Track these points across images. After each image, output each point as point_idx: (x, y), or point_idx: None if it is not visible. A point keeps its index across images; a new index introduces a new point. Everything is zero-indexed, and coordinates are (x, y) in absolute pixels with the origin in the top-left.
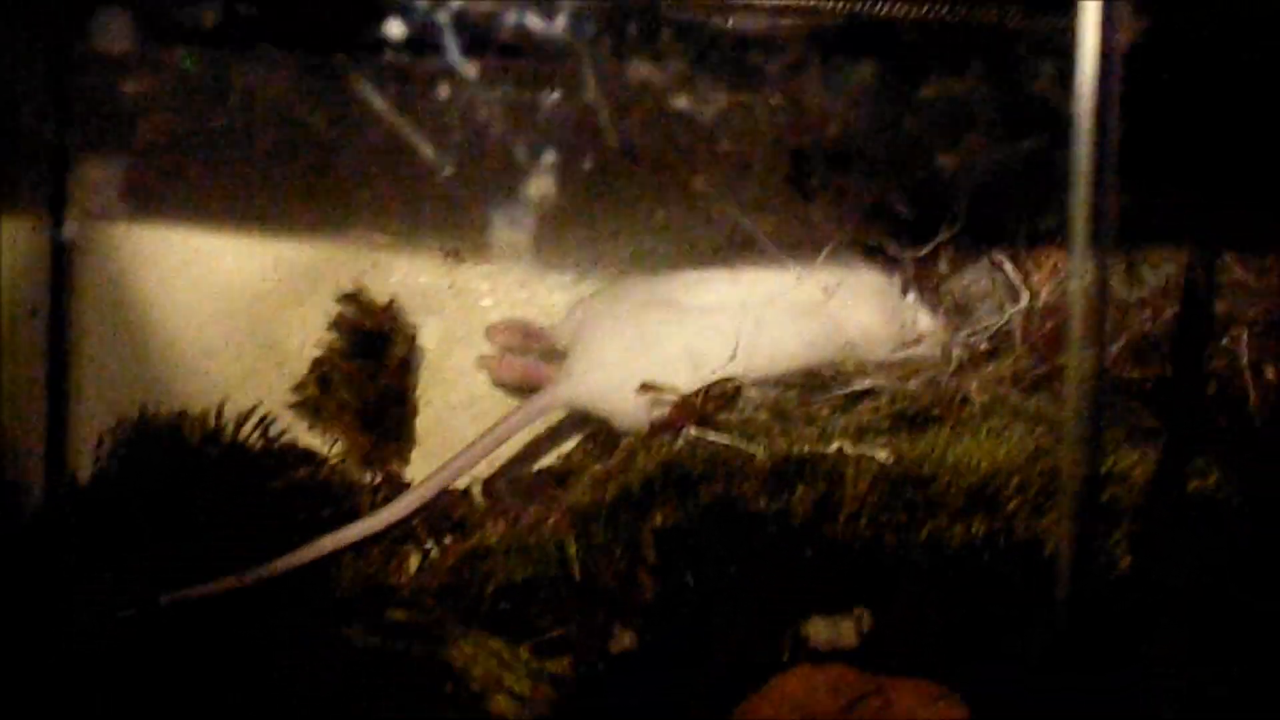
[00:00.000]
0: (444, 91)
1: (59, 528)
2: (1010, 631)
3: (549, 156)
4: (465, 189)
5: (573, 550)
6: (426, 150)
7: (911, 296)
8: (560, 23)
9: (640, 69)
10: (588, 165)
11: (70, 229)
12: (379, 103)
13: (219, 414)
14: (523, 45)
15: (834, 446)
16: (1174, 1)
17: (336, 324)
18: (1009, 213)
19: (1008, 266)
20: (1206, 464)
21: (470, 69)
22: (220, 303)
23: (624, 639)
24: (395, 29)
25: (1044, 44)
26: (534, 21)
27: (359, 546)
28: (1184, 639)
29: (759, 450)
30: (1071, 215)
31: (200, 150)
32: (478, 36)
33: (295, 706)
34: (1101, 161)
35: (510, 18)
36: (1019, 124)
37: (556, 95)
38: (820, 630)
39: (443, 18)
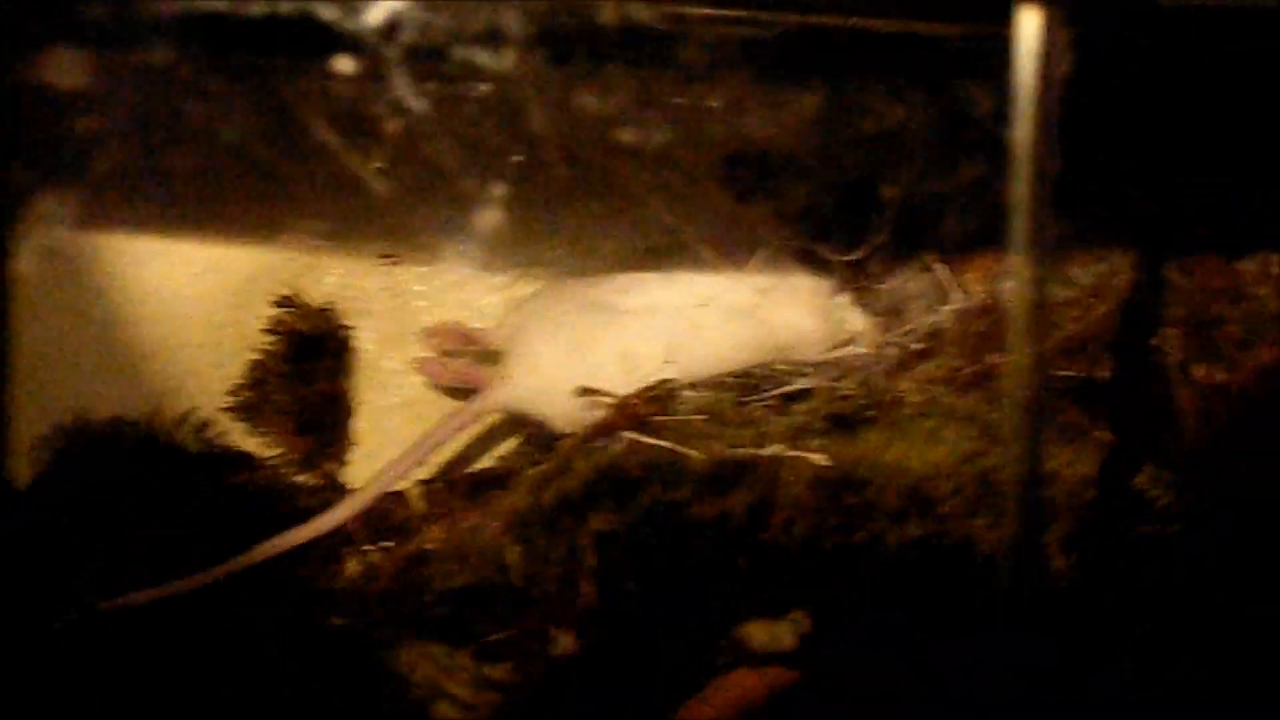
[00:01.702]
0: (378, 93)
1: None
2: (946, 632)
3: (484, 159)
4: (401, 191)
5: (512, 555)
6: (361, 153)
7: (843, 297)
8: (494, 24)
9: (574, 71)
10: (523, 168)
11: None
12: (312, 106)
13: (156, 417)
14: (456, 47)
15: (770, 450)
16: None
17: (273, 327)
18: (941, 215)
19: (939, 267)
20: (1137, 462)
21: (403, 71)
22: (155, 307)
23: (564, 643)
24: (328, 33)
25: (979, 50)
26: (467, 23)
27: (298, 551)
28: (1118, 637)
29: (695, 454)
30: (1011, 215)
31: (134, 155)
32: (411, 37)
33: (235, 714)
34: (1040, 164)
35: (443, 19)
36: (952, 128)
37: (490, 97)
38: (759, 633)
39: (375, 20)
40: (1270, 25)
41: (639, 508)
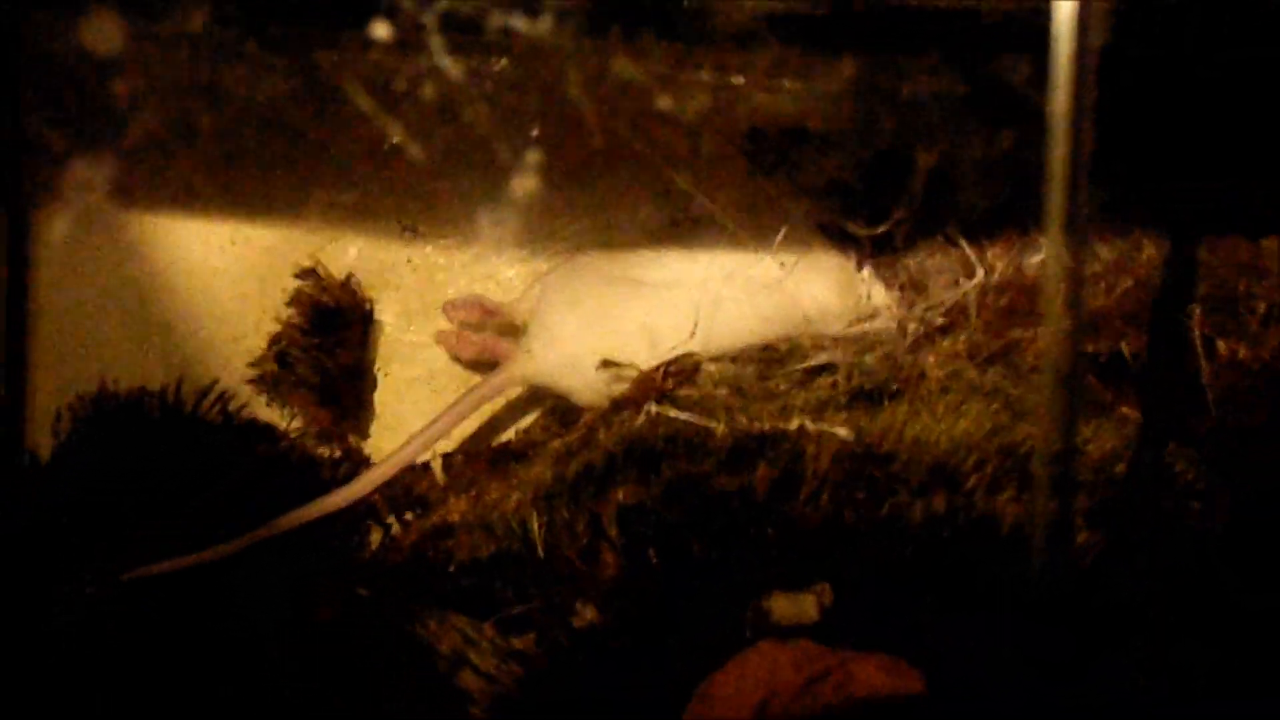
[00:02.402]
0: (401, 66)
1: (18, 504)
2: (970, 607)
3: (506, 132)
4: (422, 164)
5: (535, 527)
6: (384, 126)
7: (867, 271)
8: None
9: (596, 46)
10: (546, 141)
11: (26, 206)
12: (336, 79)
13: (178, 389)
14: (479, 21)
15: (794, 423)
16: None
17: (294, 300)
18: (965, 190)
19: (962, 242)
20: (1162, 438)
21: (427, 44)
22: (178, 278)
23: (587, 615)
24: (352, 5)
25: (1010, 25)
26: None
27: (322, 523)
28: (1142, 612)
29: (719, 427)
30: (1047, 188)
31: (156, 128)
32: (434, 11)
33: (261, 683)
34: (1076, 136)
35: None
36: (981, 104)
37: (512, 71)
38: (783, 606)
39: None
40: None
41: (662, 481)
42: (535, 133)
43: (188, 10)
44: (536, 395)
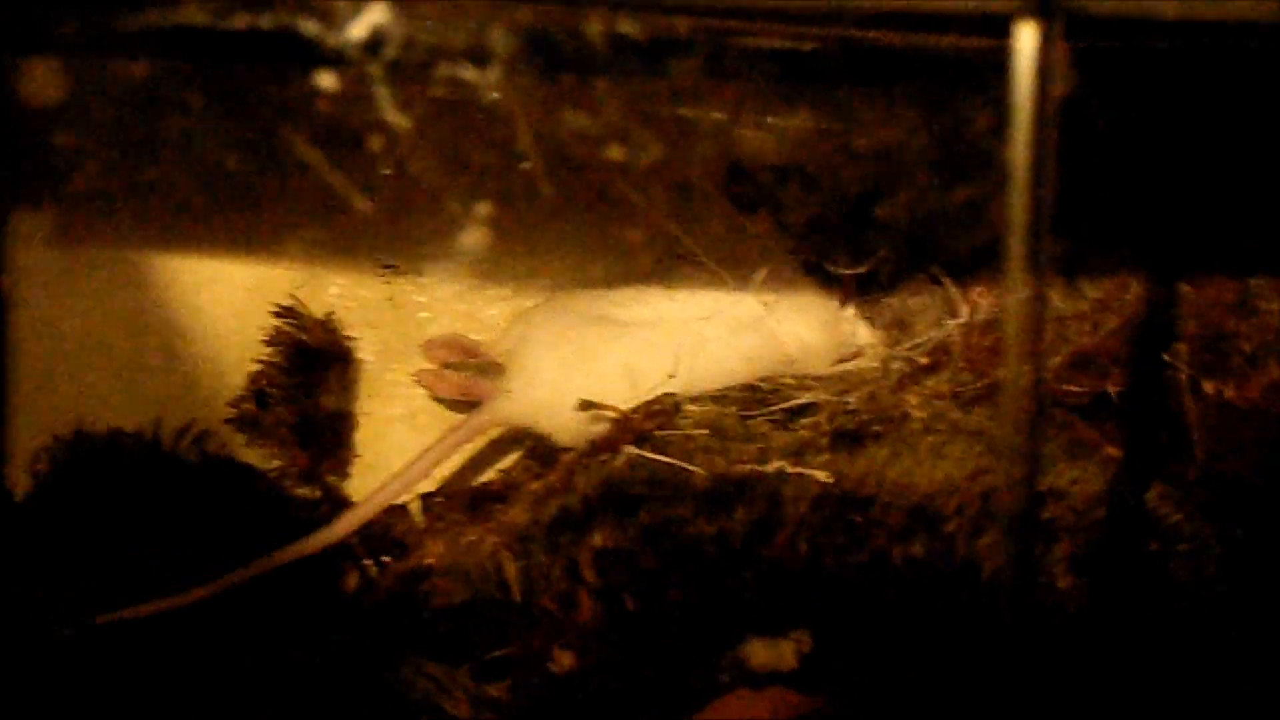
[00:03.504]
0: (380, 103)
1: None
2: (951, 653)
3: (487, 169)
4: (402, 202)
5: (512, 571)
6: (359, 164)
7: (849, 310)
8: (494, 36)
9: (575, 81)
10: (526, 178)
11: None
12: (306, 117)
13: (156, 429)
14: (447, 59)
15: (773, 466)
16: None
17: (273, 339)
18: (947, 228)
19: (946, 281)
20: (1146, 480)
21: (403, 81)
22: (156, 318)
23: (564, 661)
24: (328, 43)
25: (982, 65)
26: (466, 35)
27: (299, 564)
28: (1124, 655)
29: (698, 470)
30: (1007, 236)
31: (133, 167)
32: (413, 48)
33: None
34: (1036, 183)
35: (439, 31)
36: (957, 142)
37: (490, 106)
38: (760, 653)
39: (375, 30)
40: (1275, 39)
41: (640, 525)
42: (516, 170)
43: (141, 54)
44: (518, 435)
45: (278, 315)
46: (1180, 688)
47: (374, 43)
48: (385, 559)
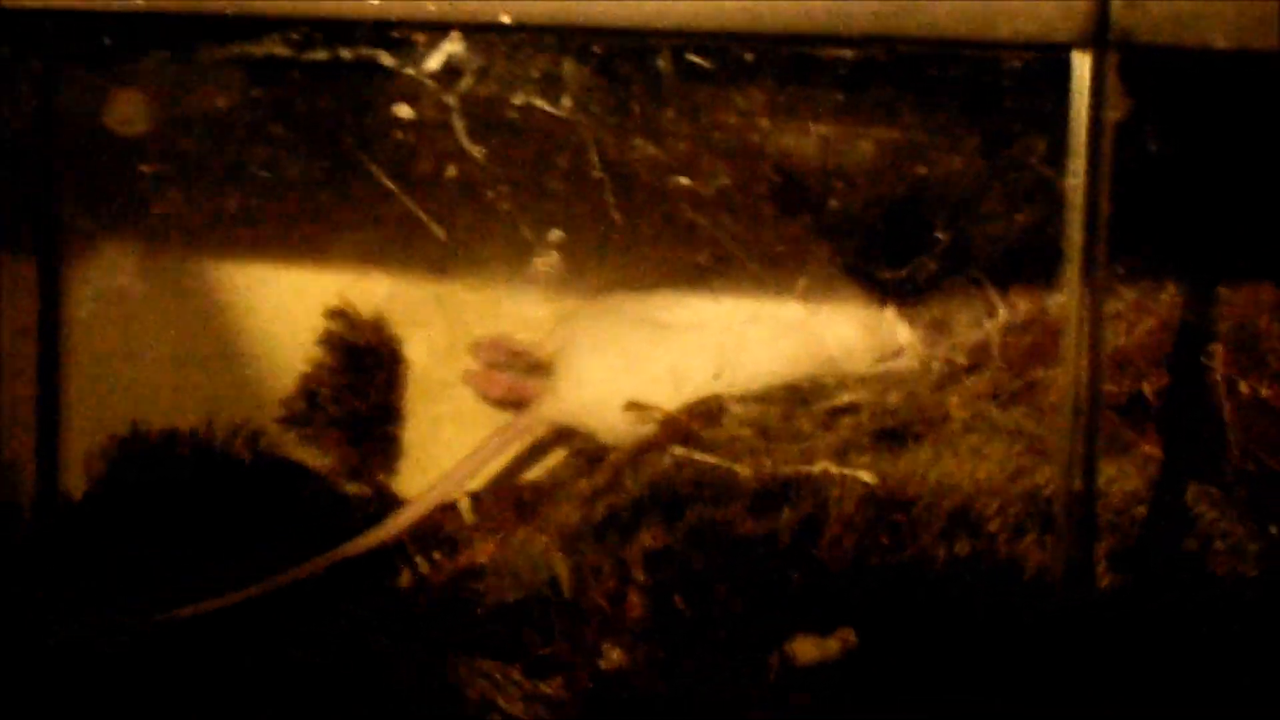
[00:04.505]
0: (429, 104)
1: (51, 546)
2: (993, 652)
3: (535, 171)
4: (452, 203)
5: (563, 570)
6: (413, 164)
7: (890, 311)
8: (547, 44)
9: (623, 86)
10: (573, 181)
11: (57, 248)
12: (363, 116)
13: (209, 429)
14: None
15: (819, 467)
16: None
17: (324, 339)
18: (987, 231)
19: (985, 281)
20: (1184, 478)
21: (455, 81)
22: (209, 319)
23: (614, 657)
24: (380, 46)
25: (1029, 71)
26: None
27: (351, 563)
28: (1164, 652)
29: (744, 470)
30: (1065, 259)
31: (185, 169)
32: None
33: None
34: (1093, 206)
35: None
36: (1001, 142)
37: (538, 113)
38: (807, 650)
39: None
40: None
41: (687, 525)
42: (563, 173)
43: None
44: (564, 434)
45: (328, 316)
46: (1219, 684)
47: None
48: (437, 556)
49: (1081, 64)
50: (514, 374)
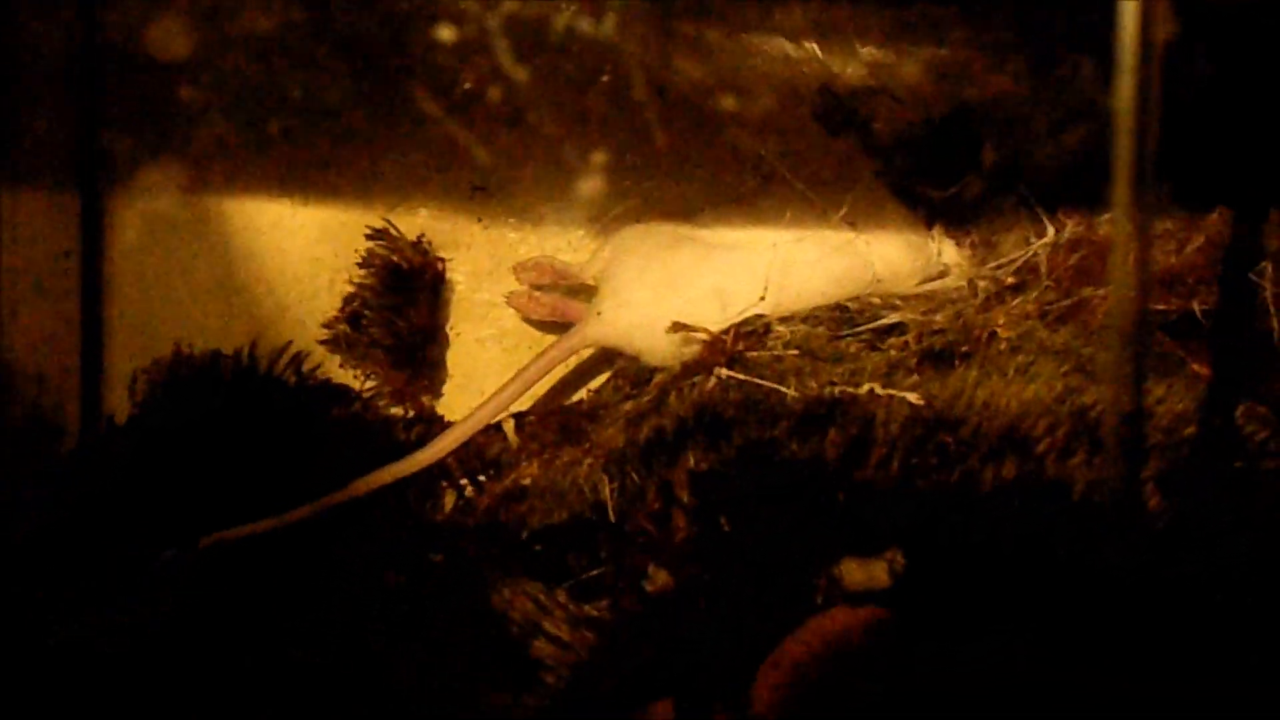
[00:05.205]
0: (470, 26)
1: (96, 468)
2: (1040, 574)
3: (577, 92)
4: (493, 124)
5: (607, 492)
6: (455, 87)
7: (937, 229)
8: None
9: (668, 8)
10: (616, 101)
11: (99, 174)
12: (405, 38)
13: (252, 351)
14: None
15: (865, 388)
16: None
17: (366, 260)
18: (1035, 149)
19: (1033, 199)
20: (1234, 398)
21: (498, 3)
22: (251, 241)
23: (659, 579)
24: None
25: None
26: None
27: (395, 486)
28: (1212, 574)
29: (790, 391)
30: (1113, 181)
31: (227, 93)
32: None
33: (334, 649)
34: (1141, 128)
35: None
36: (1049, 62)
37: (582, 31)
38: (854, 572)
39: None
40: None
41: (733, 446)
42: (604, 91)
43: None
44: (607, 355)
45: (370, 237)
46: (1267, 606)
47: None
48: (482, 479)
49: None
50: (557, 295)
